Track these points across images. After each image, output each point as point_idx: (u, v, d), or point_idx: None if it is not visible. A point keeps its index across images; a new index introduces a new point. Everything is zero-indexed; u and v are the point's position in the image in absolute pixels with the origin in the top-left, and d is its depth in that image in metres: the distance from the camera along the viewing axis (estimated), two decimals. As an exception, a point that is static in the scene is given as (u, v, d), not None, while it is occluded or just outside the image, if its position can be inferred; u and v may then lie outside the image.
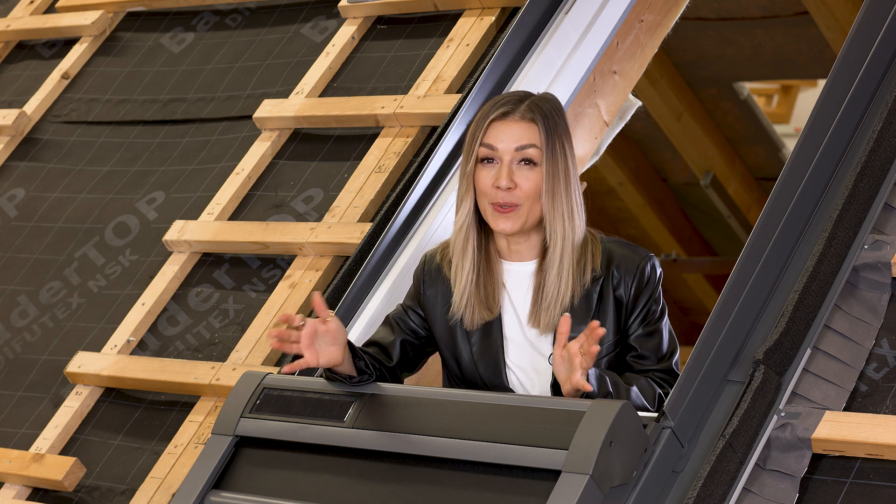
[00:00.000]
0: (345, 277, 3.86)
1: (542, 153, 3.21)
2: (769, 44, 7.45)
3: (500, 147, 3.22)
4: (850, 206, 3.28)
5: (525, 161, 3.22)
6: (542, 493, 2.89)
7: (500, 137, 3.22)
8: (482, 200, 3.25)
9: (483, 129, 3.23)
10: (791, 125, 10.20)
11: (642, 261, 3.26)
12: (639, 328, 3.25)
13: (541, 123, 3.22)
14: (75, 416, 4.11)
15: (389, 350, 3.35)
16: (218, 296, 4.23)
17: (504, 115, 3.24)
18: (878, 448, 2.96)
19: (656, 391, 3.19)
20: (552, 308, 3.22)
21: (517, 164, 3.22)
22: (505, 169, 3.21)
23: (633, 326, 3.25)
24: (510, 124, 3.23)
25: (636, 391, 3.16)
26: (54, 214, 4.79)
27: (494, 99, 3.29)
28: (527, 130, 3.22)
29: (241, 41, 5.03)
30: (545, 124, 3.22)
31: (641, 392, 3.17)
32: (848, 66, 3.47)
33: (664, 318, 3.28)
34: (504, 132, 3.23)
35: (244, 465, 3.28)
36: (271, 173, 4.47)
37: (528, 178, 3.22)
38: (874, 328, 3.20)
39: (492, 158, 3.24)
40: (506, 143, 3.22)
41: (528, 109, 3.24)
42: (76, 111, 5.10)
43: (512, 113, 3.24)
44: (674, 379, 3.22)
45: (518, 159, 3.22)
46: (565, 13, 4.23)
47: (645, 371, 3.24)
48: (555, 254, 3.23)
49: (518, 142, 3.22)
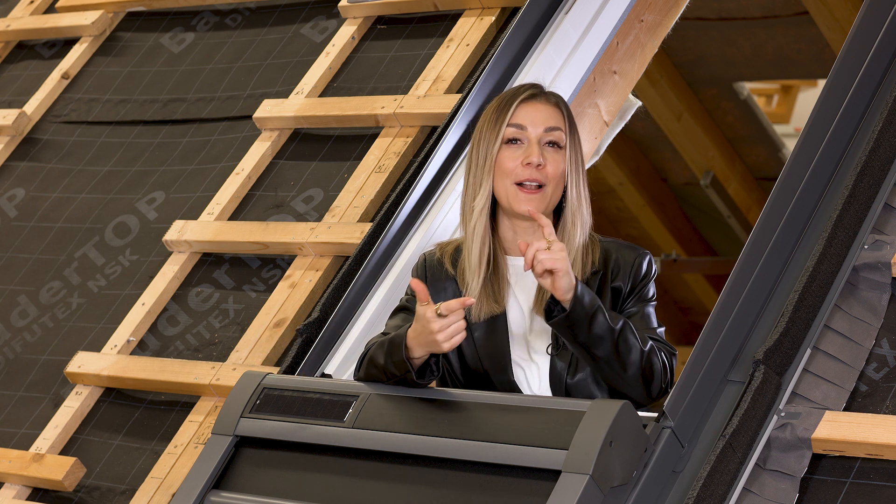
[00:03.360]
0: (345, 277, 3.86)
1: (566, 137, 3.27)
2: (769, 44, 7.45)
3: (530, 127, 3.27)
4: (850, 206, 3.29)
5: (551, 143, 3.28)
6: (542, 493, 2.89)
7: (529, 118, 3.27)
8: (504, 182, 3.27)
9: (512, 110, 3.27)
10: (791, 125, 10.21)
11: (639, 257, 3.31)
12: (630, 307, 3.28)
13: (564, 109, 3.31)
14: (75, 416, 4.11)
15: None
16: (218, 296, 4.23)
17: (532, 98, 3.29)
18: (878, 448, 2.96)
19: (648, 339, 3.19)
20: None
21: (544, 146, 3.27)
22: (535, 146, 3.26)
23: (625, 307, 3.28)
24: (539, 106, 3.29)
25: (630, 325, 3.15)
26: (54, 214, 4.79)
27: (511, 89, 3.34)
28: (554, 113, 3.29)
29: (241, 41, 5.03)
30: (567, 112, 3.31)
31: (635, 331, 3.16)
32: (848, 66, 3.48)
33: (652, 304, 3.32)
34: (533, 113, 3.27)
35: (244, 465, 3.28)
36: (271, 173, 4.47)
37: (554, 159, 3.27)
38: (874, 328, 3.20)
39: (518, 139, 3.28)
40: (535, 123, 3.27)
41: (552, 94, 3.32)
42: (76, 111, 5.10)
43: (539, 96, 3.30)
44: (661, 344, 3.22)
45: (546, 140, 3.27)
46: (565, 13, 4.23)
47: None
48: (574, 237, 3.27)
49: (547, 123, 3.27)
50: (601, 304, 3.12)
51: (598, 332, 3.10)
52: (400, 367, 3.14)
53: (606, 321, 3.11)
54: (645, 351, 3.15)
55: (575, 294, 3.08)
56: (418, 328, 3.09)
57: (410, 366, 3.12)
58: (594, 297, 3.12)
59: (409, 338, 3.12)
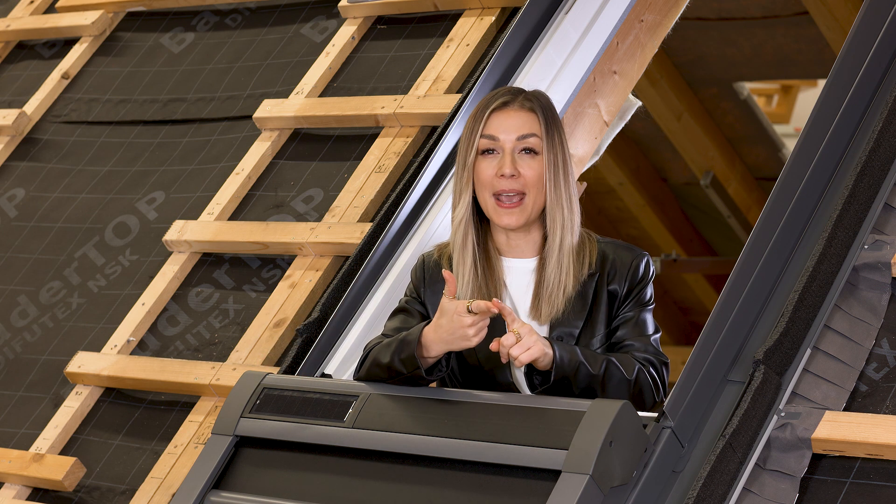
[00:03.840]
0: (345, 277, 3.86)
1: (542, 142, 3.25)
2: (769, 44, 7.45)
3: (502, 137, 3.25)
4: (850, 206, 3.28)
5: (526, 150, 3.25)
6: (542, 493, 2.89)
7: (502, 127, 3.25)
8: (484, 193, 3.26)
9: (483, 121, 3.25)
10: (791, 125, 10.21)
11: (636, 258, 3.29)
12: (625, 311, 3.27)
13: (540, 113, 3.27)
14: (75, 416, 4.11)
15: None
16: (218, 296, 4.23)
17: (504, 105, 3.27)
18: (878, 448, 2.96)
19: (635, 364, 3.18)
20: (554, 297, 3.24)
21: (519, 154, 3.25)
22: (508, 157, 3.24)
23: (621, 311, 3.27)
24: (510, 114, 3.26)
25: (614, 360, 3.16)
26: (54, 214, 4.79)
27: (488, 94, 3.31)
28: (527, 120, 3.26)
29: (241, 41, 5.03)
30: (544, 114, 3.27)
31: (619, 362, 3.16)
32: (848, 66, 3.47)
33: (650, 308, 3.30)
34: (505, 122, 3.25)
35: (244, 465, 3.28)
36: (271, 173, 4.47)
37: (530, 166, 3.24)
38: (874, 328, 3.20)
39: (492, 149, 3.26)
40: (507, 132, 3.25)
41: (526, 99, 3.28)
42: (76, 111, 5.10)
43: (511, 103, 3.27)
44: (653, 356, 3.22)
45: (520, 148, 3.25)
46: (565, 13, 4.23)
47: (624, 345, 3.25)
48: (555, 242, 3.25)
49: (519, 131, 3.25)
50: (581, 356, 3.12)
51: (582, 385, 3.13)
52: (409, 364, 3.13)
53: (588, 371, 3.12)
54: (631, 380, 3.16)
55: (554, 363, 3.09)
56: (445, 322, 3.07)
57: (420, 363, 3.12)
58: (573, 352, 3.12)
59: (425, 336, 3.11)
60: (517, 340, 3.05)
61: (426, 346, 3.11)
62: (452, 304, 3.05)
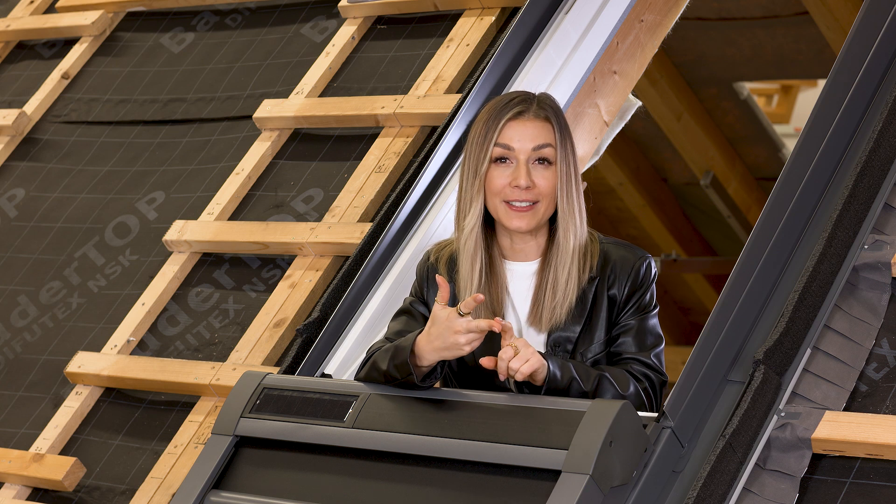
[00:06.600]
0: (345, 277, 3.86)
1: (556, 152, 3.22)
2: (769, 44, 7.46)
3: (517, 146, 3.21)
4: (850, 206, 3.28)
5: (541, 160, 3.22)
6: (542, 493, 2.89)
7: (517, 137, 3.21)
8: (494, 200, 3.23)
9: (498, 130, 3.21)
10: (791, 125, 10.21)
11: (637, 261, 3.27)
12: (626, 319, 3.25)
13: (554, 122, 3.23)
14: (75, 416, 4.11)
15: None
16: (218, 296, 4.23)
17: (519, 115, 3.22)
18: (878, 448, 2.96)
19: (630, 380, 3.17)
20: (559, 307, 3.22)
21: (533, 164, 3.22)
22: (523, 168, 3.20)
23: (622, 318, 3.25)
24: (526, 123, 3.22)
25: (608, 376, 3.15)
26: (54, 214, 4.79)
27: (498, 99, 3.27)
28: (542, 129, 3.22)
29: (241, 41, 5.03)
30: (558, 122, 3.23)
31: (613, 378, 3.16)
32: (848, 66, 3.47)
33: (653, 314, 3.28)
34: (520, 131, 3.22)
35: (244, 465, 3.28)
36: (271, 173, 4.47)
37: (544, 176, 3.21)
38: (874, 328, 3.20)
39: (506, 158, 3.23)
40: (523, 142, 3.21)
41: (540, 108, 3.24)
42: (76, 111, 5.10)
43: (526, 112, 3.23)
44: (651, 371, 3.21)
45: (534, 158, 3.22)
46: (565, 13, 4.23)
47: (623, 358, 3.23)
48: (566, 252, 3.23)
49: (535, 141, 3.21)
50: (574, 371, 3.11)
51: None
52: (402, 371, 3.12)
53: (580, 387, 3.11)
54: (625, 396, 3.15)
55: (546, 378, 3.08)
56: (436, 331, 3.05)
57: (414, 371, 3.11)
58: (566, 367, 3.11)
59: (419, 345, 3.09)
60: (515, 353, 3.04)
61: (419, 355, 3.09)
62: (444, 312, 3.04)
